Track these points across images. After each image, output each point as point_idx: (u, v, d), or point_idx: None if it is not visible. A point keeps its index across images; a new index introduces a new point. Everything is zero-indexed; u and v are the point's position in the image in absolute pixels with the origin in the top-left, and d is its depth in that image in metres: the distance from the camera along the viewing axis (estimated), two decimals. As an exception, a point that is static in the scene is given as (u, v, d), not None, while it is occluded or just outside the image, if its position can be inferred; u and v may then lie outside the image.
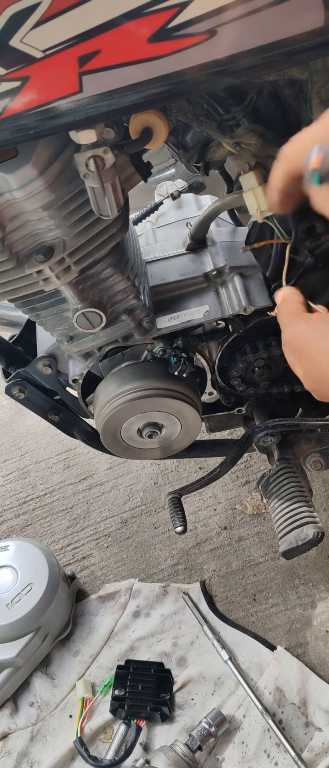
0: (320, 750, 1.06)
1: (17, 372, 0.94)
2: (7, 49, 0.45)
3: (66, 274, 0.70)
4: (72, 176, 0.61)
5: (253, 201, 0.69)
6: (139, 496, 1.55)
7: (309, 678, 1.16)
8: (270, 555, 1.37)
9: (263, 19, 0.46)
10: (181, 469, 1.59)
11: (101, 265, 0.74)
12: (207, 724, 1.08)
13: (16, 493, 1.62)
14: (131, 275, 0.78)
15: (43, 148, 0.57)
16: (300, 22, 0.47)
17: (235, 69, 0.49)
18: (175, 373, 0.88)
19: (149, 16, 0.45)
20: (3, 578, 1.24)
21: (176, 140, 0.77)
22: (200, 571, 1.37)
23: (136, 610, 1.31)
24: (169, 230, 1.03)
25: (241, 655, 1.21)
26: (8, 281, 0.69)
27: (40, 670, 1.24)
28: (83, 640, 1.28)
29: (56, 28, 0.44)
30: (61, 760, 1.11)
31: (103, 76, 0.48)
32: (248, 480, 1.52)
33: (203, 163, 0.81)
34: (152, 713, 1.13)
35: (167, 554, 1.41)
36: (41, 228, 0.64)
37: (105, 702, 1.18)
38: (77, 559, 1.45)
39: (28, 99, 0.48)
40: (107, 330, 0.82)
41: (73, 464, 1.66)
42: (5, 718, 1.18)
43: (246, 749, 1.09)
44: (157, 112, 0.59)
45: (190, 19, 0.46)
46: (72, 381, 0.92)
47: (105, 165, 0.59)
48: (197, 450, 1.15)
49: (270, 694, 1.14)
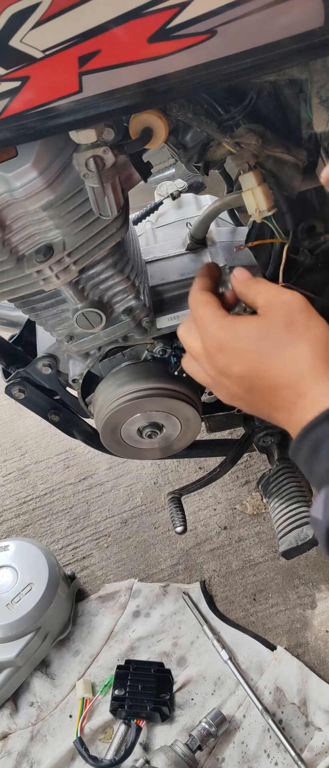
0: (320, 750, 1.06)
1: (17, 372, 0.94)
2: (7, 49, 0.45)
3: (66, 273, 0.70)
4: (72, 176, 0.61)
5: (252, 201, 0.69)
6: (139, 496, 1.55)
7: (309, 678, 1.16)
8: (270, 555, 1.37)
9: (263, 19, 0.46)
10: (181, 469, 1.59)
11: (101, 265, 0.74)
12: (207, 724, 1.08)
13: (16, 493, 1.62)
14: (131, 275, 0.78)
15: (43, 148, 0.57)
16: (300, 22, 0.47)
17: (235, 69, 0.49)
18: (175, 373, 0.88)
19: (149, 16, 0.45)
20: (3, 578, 1.24)
21: (176, 140, 0.77)
22: (200, 571, 1.37)
23: (136, 610, 1.31)
24: (169, 230, 1.03)
25: (241, 655, 1.21)
26: (8, 281, 0.69)
27: (40, 670, 1.24)
28: (83, 640, 1.28)
29: (56, 28, 0.44)
30: (61, 760, 1.11)
31: (103, 76, 0.48)
32: (248, 480, 1.52)
33: (203, 163, 0.81)
34: (152, 713, 1.13)
35: (167, 554, 1.41)
36: (41, 228, 0.65)
37: (105, 702, 1.18)
38: (77, 559, 1.45)
39: (28, 99, 0.48)
40: (107, 330, 0.82)
41: (73, 464, 1.66)
42: (5, 718, 1.18)
43: (246, 749, 1.09)
44: (157, 112, 0.59)
45: (190, 19, 0.46)
46: (72, 381, 0.92)
47: (105, 165, 0.59)
48: (197, 450, 1.15)
49: (270, 694, 1.14)
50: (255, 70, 0.51)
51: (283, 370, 0.54)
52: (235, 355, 0.56)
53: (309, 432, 0.51)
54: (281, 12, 0.46)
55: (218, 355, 0.58)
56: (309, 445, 0.51)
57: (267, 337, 0.54)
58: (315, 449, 0.51)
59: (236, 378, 0.57)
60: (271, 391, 0.55)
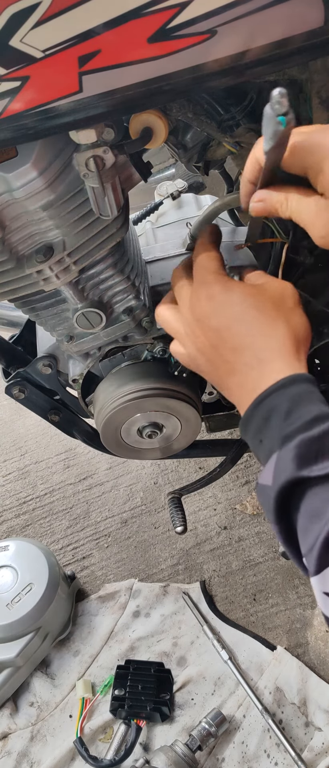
0: (320, 750, 1.06)
1: (17, 372, 0.93)
2: (7, 49, 0.45)
3: (66, 273, 0.70)
4: (72, 176, 0.61)
5: (253, 201, 0.69)
6: (139, 496, 1.55)
7: (309, 678, 1.16)
8: (270, 555, 1.37)
9: (263, 19, 0.46)
10: (181, 469, 1.59)
11: (101, 265, 0.74)
12: (207, 724, 1.08)
13: (16, 493, 1.62)
14: (131, 275, 0.78)
15: (43, 148, 0.56)
16: (300, 22, 0.47)
17: (235, 69, 0.49)
18: (175, 373, 0.88)
19: (149, 16, 0.45)
20: (3, 578, 1.24)
21: (176, 140, 0.77)
22: (200, 571, 1.37)
23: (136, 610, 1.31)
24: (169, 230, 1.03)
25: (241, 655, 1.21)
26: (8, 281, 0.69)
27: (40, 670, 1.24)
28: (83, 640, 1.28)
29: (56, 28, 0.44)
30: (61, 760, 1.11)
31: (103, 76, 0.48)
32: (248, 480, 1.52)
33: (203, 163, 0.81)
34: (152, 713, 1.13)
35: (167, 554, 1.41)
36: (41, 228, 0.64)
37: (105, 702, 1.18)
38: (77, 559, 1.45)
39: (28, 99, 0.48)
40: (107, 330, 0.82)
41: (73, 464, 1.66)
42: (5, 718, 1.18)
43: (246, 749, 1.09)
44: (157, 112, 0.59)
45: (190, 19, 0.46)
46: (72, 381, 0.92)
47: (105, 165, 0.59)
48: (197, 450, 1.15)
49: (270, 694, 1.14)
50: (255, 70, 0.51)
51: (254, 336, 0.56)
52: (219, 307, 0.58)
53: (264, 400, 0.53)
54: (281, 12, 0.46)
55: (204, 302, 0.60)
56: (262, 413, 0.53)
57: (255, 306, 0.57)
58: (267, 417, 0.52)
59: (209, 330, 0.59)
60: (234, 351, 0.57)
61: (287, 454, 0.48)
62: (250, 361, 0.55)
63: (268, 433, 0.51)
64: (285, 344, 0.55)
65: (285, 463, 0.48)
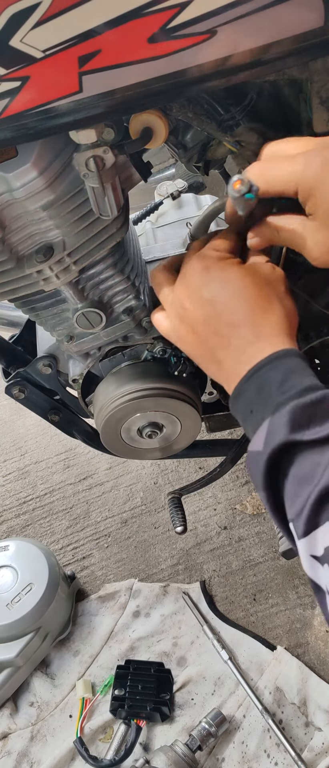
0: (320, 750, 1.06)
1: (17, 372, 0.93)
2: (7, 49, 0.45)
3: (66, 273, 0.70)
4: (72, 176, 0.61)
5: (252, 201, 0.69)
6: (139, 496, 1.55)
7: (309, 678, 1.16)
8: (270, 555, 1.37)
9: (263, 19, 0.46)
10: (181, 469, 1.59)
11: (101, 265, 0.74)
12: (207, 724, 1.08)
13: (16, 493, 1.62)
14: (131, 275, 0.78)
15: (44, 148, 0.56)
16: (300, 22, 0.47)
17: (235, 69, 0.49)
18: (175, 373, 0.88)
19: (149, 16, 0.45)
20: (3, 578, 1.24)
21: (176, 140, 0.77)
22: (200, 571, 1.37)
23: (136, 610, 1.31)
24: (169, 230, 1.03)
25: (241, 655, 1.21)
26: (8, 281, 0.69)
27: (40, 670, 1.24)
28: (83, 640, 1.28)
29: (56, 28, 0.44)
30: (61, 760, 1.11)
31: (103, 76, 0.48)
32: (248, 480, 1.52)
33: (203, 162, 0.81)
34: (152, 713, 1.13)
35: (167, 554, 1.41)
36: (41, 228, 0.64)
37: (105, 702, 1.18)
38: (77, 559, 1.45)
39: (28, 99, 0.48)
40: (107, 330, 0.82)
41: (73, 464, 1.66)
42: (5, 718, 1.18)
43: (246, 749, 1.09)
44: (157, 112, 0.59)
45: (190, 19, 0.46)
46: (72, 381, 0.92)
47: (105, 165, 0.59)
48: (197, 450, 1.15)
49: (270, 694, 1.14)
50: (255, 69, 0.51)
51: (254, 313, 0.57)
52: (214, 280, 0.60)
53: (258, 371, 0.54)
54: (281, 12, 0.46)
55: (200, 273, 0.61)
56: (256, 384, 0.54)
57: (254, 284, 0.59)
58: (261, 388, 0.53)
59: (200, 301, 0.60)
60: (229, 327, 0.58)
61: (280, 419, 0.49)
62: (247, 335, 0.57)
63: (261, 402, 0.53)
64: (282, 322, 0.57)
65: (278, 427, 0.49)
